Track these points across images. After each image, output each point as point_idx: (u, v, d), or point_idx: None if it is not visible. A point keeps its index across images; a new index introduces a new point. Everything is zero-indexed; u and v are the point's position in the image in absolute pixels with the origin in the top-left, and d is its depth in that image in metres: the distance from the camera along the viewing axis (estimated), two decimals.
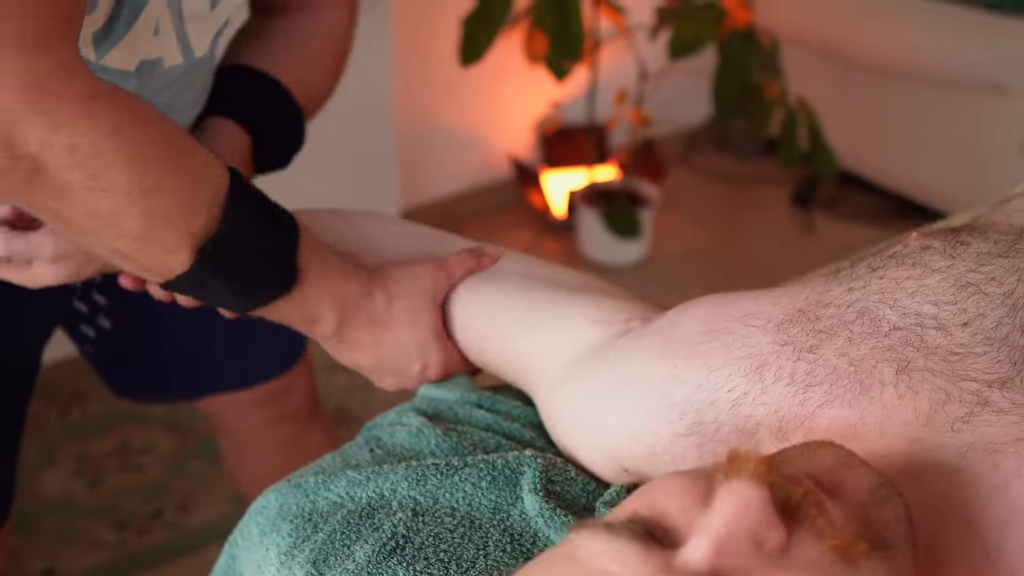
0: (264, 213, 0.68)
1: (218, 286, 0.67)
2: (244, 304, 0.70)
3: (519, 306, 0.78)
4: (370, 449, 0.73)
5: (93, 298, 1.00)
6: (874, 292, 0.60)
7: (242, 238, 0.66)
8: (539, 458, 0.68)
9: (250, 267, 0.67)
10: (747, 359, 0.61)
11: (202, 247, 0.64)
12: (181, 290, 0.68)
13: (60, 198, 0.59)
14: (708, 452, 0.61)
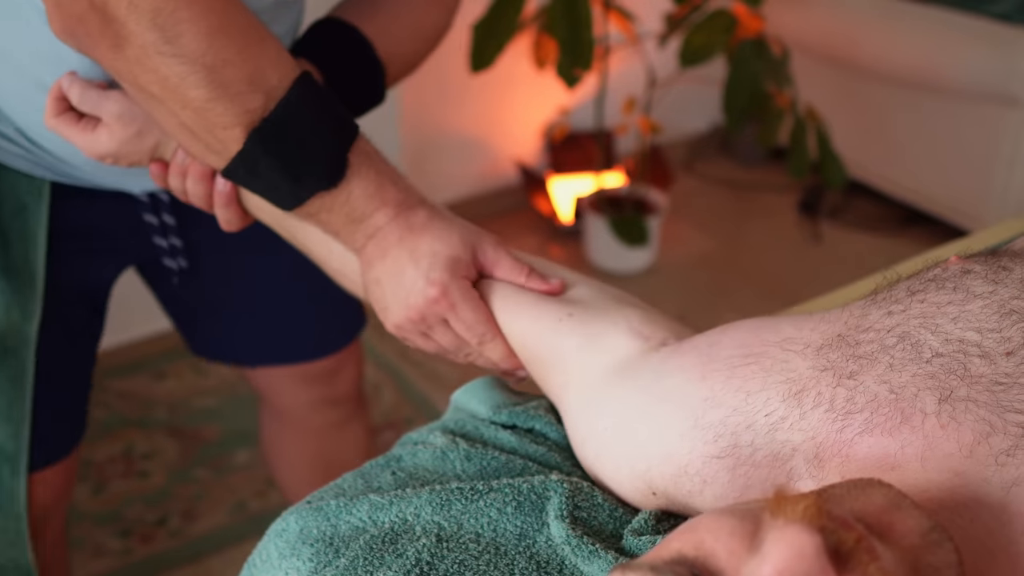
0: (325, 109, 0.72)
1: (269, 164, 0.70)
2: (293, 188, 0.72)
3: (562, 299, 0.78)
4: (392, 471, 0.71)
5: (171, 240, 1.03)
6: (914, 316, 0.59)
7: (295, 123, 0.70)
8: (565, 483, 0.66)
9: (300, 149, 0.70)
10: (786, 384, 0.60)
11: (257, 126, 0.68)
12: (238, 177, 0.72)
13: (138, 62, 0.65)
14: (740, 475, 0.60)
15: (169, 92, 0.66)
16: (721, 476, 0.61)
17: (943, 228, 2.65)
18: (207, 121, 0.68)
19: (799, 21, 2.70)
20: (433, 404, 2.02)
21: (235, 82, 0.66)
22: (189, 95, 0.66)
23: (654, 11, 2.39)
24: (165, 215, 1.00)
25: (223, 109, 0.67)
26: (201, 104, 0.66)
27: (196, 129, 0.69)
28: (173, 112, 0.68)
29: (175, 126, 0.70)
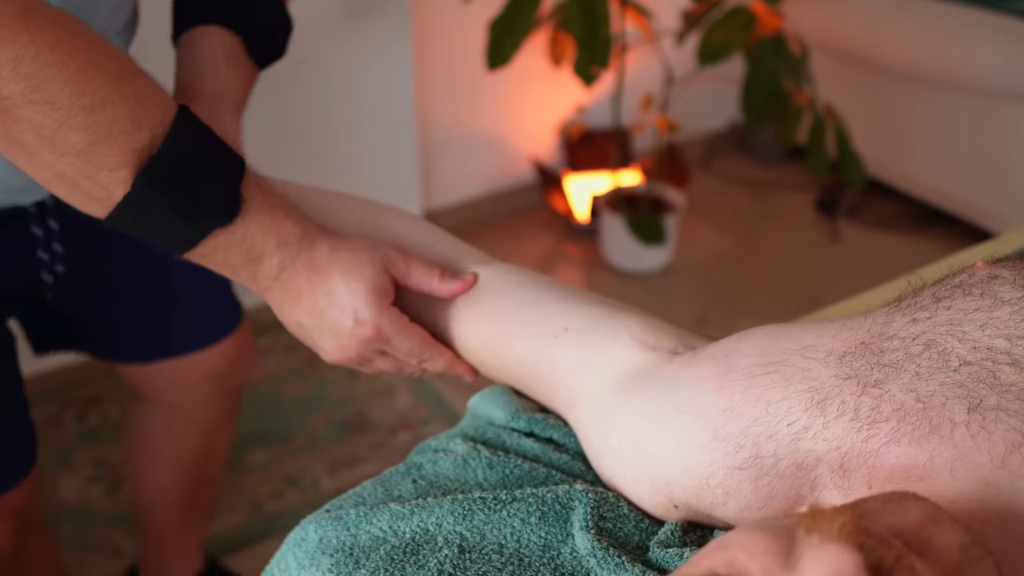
0: (211, 142, 0.69)
1: (160, 205, 0.66)
2: (187, 230, 0.68)
3: (555, 312, 0.75)
4: (413, 479, 0.70)
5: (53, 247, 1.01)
6: (941, 324, 0.58)
7: (186, 158, 0.66)
8: (590, 493, 0.65)
9: (193, 185, 0.67)
10: (808, 392, 0.59)
11: (145, 164, 0.64)
12: (124, 223, 0.67)
13: (7, 113, 0.60)
14: (763, 486, 0.59)
15: (45, 140, 0.62)
16: (744, 487, 0.60)
17: (963, 227, 2.62)
18: (90, 165, 0.63)
19: (818, 18, 2.67)
20: (449, 404, 2.01)
21: (117, 120, 0.63)
22: (69, 140, 0.62)
23: (671, 8, 2.38)
24: (51, 220, 0.99)
25: (108, 151, 0.63)
26: (83, 147, 0.62)
27: (75, 176, 0.64)
28: (47, 163, 0.64)
29: (50, 177, 0.65)
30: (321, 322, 0.75)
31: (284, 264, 0.73)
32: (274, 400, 2.04)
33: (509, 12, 1.85)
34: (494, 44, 1.87)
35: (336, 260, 0.74)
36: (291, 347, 2.20)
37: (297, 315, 0.75)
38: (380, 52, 2.21)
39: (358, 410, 2.02)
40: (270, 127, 1.94)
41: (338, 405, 2.03)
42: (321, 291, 0.74)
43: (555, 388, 0.73)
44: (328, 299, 0.74)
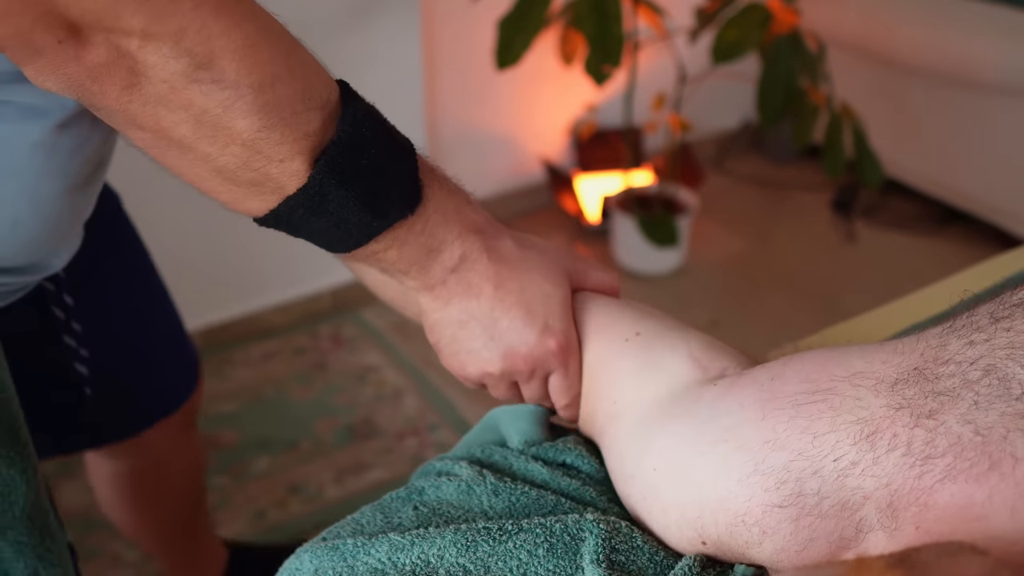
0: (382, 122, 0.60)
1: (341, 198, 0.57)
2: (370, 223, 0.59)
3: (630, 317, 0.71)
4: (414, 506, 0.66)
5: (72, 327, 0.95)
6: (1001, 347, 0.53)
7: (365, 142, 0.57)
8: (601, 523, 0.61)
9: (376, 174, 0.58)
10: (857, 424, 0.54)
11: (323, 150, 0.55)
12: (292, 218, 0.58)
13: (162, 100, 0.51)
14: (804, 527, 0.55)
15: (206, 130, 0.53)
16: (783, 527, 0.55)
17: (982, 228, 2.57)
18: (258, 156, 0.54)
19: (835, 16, 2.63)
20: (458, 410, 1.97)
21: (288, 101, 0.54)
22: (236, 127, 0.53)
23: (685, 5, 2.33)
24: (66, 296, 0.92)
25: (279, 137, 0.54)
26: (252, 135, 0.53)
27: (239, 171, 0.55)
28: (205, 157, 0.54)
29: (207, 173, 0.56)
30: (499, 324, 0.66)
31: (466, 255, 0.64)
32: (279, 405, 2.01)
33: (518, 10, 1.81)
34: (503, 43, 1.83)
35: (528, 259, 0.66)
36: (298, 351, 2.17)
37: (468, 312, 0.66)
38: (389, 50, 2.18)
39: (365, 415, 1.98)
40: None
41: (344, 410, 2.00)
42: (509, 287, 0.65)
43: (603, 399, 0.69)
44: (516, 299, 0.65)
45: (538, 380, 0.70)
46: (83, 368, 0.96)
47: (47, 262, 0.78)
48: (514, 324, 0.66)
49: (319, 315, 2.25)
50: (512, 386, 0.72)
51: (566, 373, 0.69)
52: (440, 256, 0.64)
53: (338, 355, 2.16)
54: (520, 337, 0.66)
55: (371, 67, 2.16)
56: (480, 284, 0.65)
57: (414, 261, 0.64)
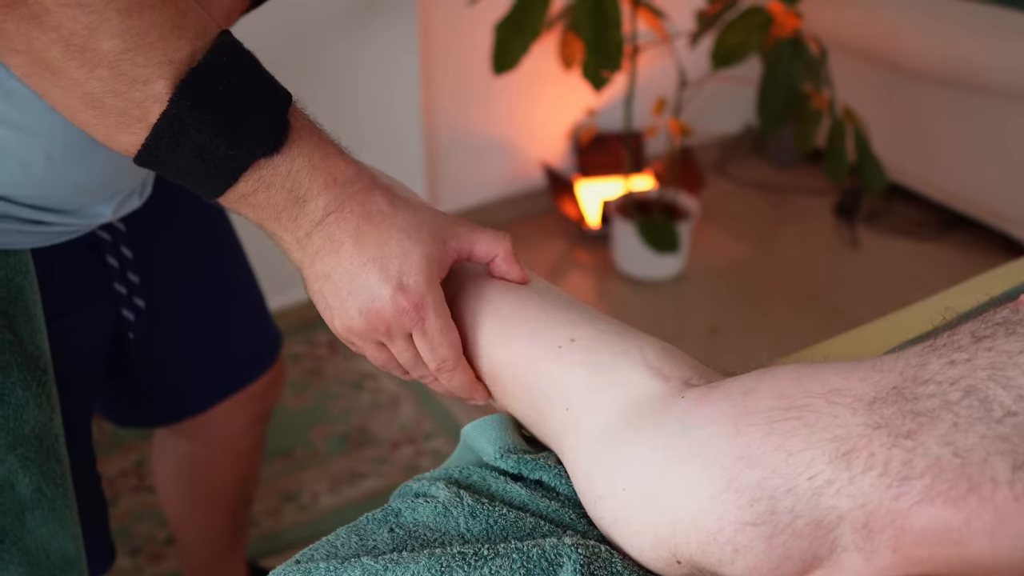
0: (255, 64, 0.61)
1: (201, 123, 0.58)
2: (229, 155, 0.60)
3: (565, 320, 0.68)
4: (390, 528, 0.64)
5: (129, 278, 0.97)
6: (982, 367, 0.51)
7: (230, 73, 0.59)
8: (580, 547, 0.59)
9: (237, 103, 0.59)
10: (833, 442, 0.52)
11: (184, 77, 0.57)
12: (159, 151, 0.59)
13: (35, 20, 0.54)
14: (778, 545, 0.53)
15: (75, 52, 0.55)
16: (756, 545, 0.54)
17: (986, 233, 2.55)
18: (123, 78, 0.56)
19: (837, 19, 2.60)
20: (454, 418, 1.95)
21: (155, 27, 0.56)
22: (101, 48, 0.55)
23: (685, 8, 2.31)
24: (124, 248, 0.94)
25: (144, 59, 0.56)
26: (116, 57, 0.55)
27: (104, 96, 0.57)
28: (76, 81, 0.56)
29: (77, 101, 0.58)
30: (355, 279, 0.65)
31: (330, 207, 0.64)
32: (273, 412, 1.98)
33: (516, 14, 1.79)
34: (500, 47, 1.81)
35: (394, 216, 0.65)
36: (294, 357, 2.15)
37: (331, 265, 0.65)
38: (386, 54, 2.16)
39: (360, 423, 1.96)
40: None
41: (339, 418, 1.98)
42: (368, 242, 0.64)
43: (551, 408, 0.66)
44: (375, 253, 0.64)
45: (400, 339, 0.68)
46: (130, 314, 0.98)
47: (93, 209, 0.83)
48: (369, 279, 0.65)
49: (315, 321, 2.23)
50: (380, 347, 0.69)
51: (424, 333, 0.67)
52: (306, 206, 0.64)
53: (334, 362, 2.14)
54: (372, 292, 0.65)
55: (368, 71, 2.15)
56: (341, 238, 0.64)
57: (282, 208, 0.63)
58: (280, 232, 0.66)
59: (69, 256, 0.87)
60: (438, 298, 0.67)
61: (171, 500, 1.33)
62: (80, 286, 0.91)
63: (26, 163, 0.74)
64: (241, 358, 1.17)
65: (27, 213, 0.78)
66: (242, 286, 1.16)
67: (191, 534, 1.36)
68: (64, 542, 0.84)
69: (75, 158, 0.76)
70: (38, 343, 0.81)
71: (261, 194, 0.62)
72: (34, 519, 0.81)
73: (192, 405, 1.15)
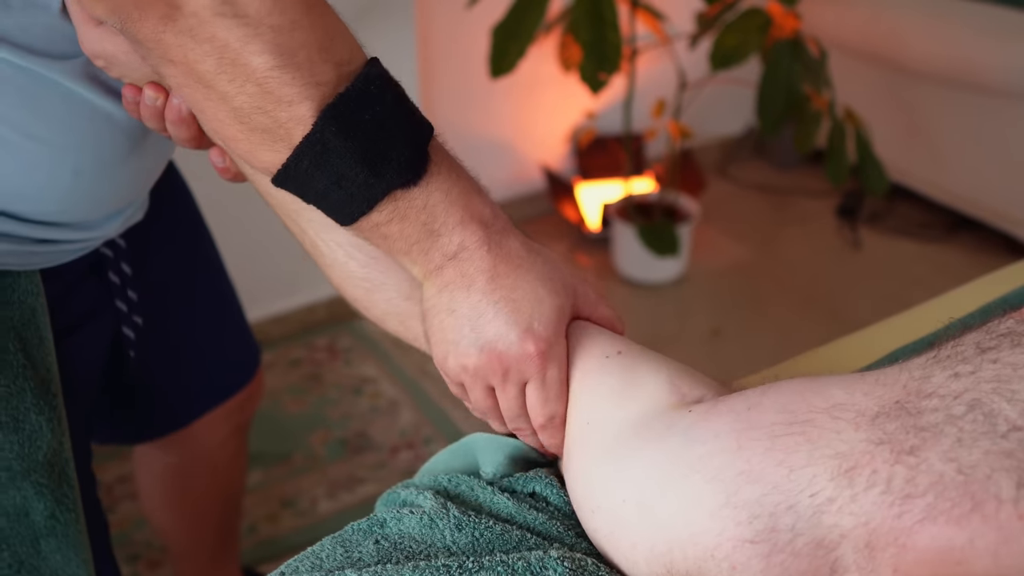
0: (401, 94, 0.62)
1: (343, 150, 0.58)
2: (369, 183, 0.60)
3: (613, 338, 0.68)
4: (375, 539, 0.63)
5: (129, 295, 0.98)
6: (987, 380, 0.50)
7: (374, 100, 0.59)
8: (566, 560, 0.58)
9: (380, 132, 0.59)
10: (835, 459, 0.51)
11: (331, 101, 0.58)
12: (299, 172, 0.60)
13: (191, 32, 0.56)
14: (776, 564, 0.52)
15: (226, 64, 0.56)
16: (754, 564, 0.52)
17: (990, 235, 2.53)
18: (269, 97, 0.57)
19: (837, 19, 2.59)
20: (453, 423, 1.95)
21: (304, 48, 0.57)
22: (252, 63, 0.56)
23: (685, 10, 2.30)
24: (124, 265, 0.95)
25: (290, 78, 0.56)
26: (264, 74, 0.56)
27: (252, 113, 0.58)
28: (226, 96, 0.58)
29: (226, 116, 0.59)
30: (483, 317, 0.64)
31: (465, 244, 0.63)
32: (272, 418, 1.98)
33: (512, 17, 1.78)
34: (497, 51, 1.80)
35: (532, 262, 0.65)
36: (293, 362, 2.14)
37: (460, 301, 0.64)
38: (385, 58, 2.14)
39: (359, 428, 1.95)
40: None
41: (338, 423, 1.97)
42: (502, 283, 0.63)
43: (574, 423, 0.66)
44: (507, 295, 0.63)
45: (514, 386, 0.67)
46: (131, 332, 0.99)
47: (104, 222, 0.84)
48: (497, 318, 0.63)
49: (315, 326, 2.23)
50: (488, 391, 0.68)
51: (543, 384, 0.66)
52: (439, 240, 0.63)
53: (333, 367, 2.13)
54: (499, 332, 0.64)
55: None
56: (474, 275, 0.63)
57: (415, 240, 0.63)
58: (409, 265, 0.65)
59: (75, 274, 0.88)
60: (563, 353, 0.66)
61: (157, 512, 1.33)
62: (84, 304, 0.91)
63: (53, 177, 0.75)
64: (224, 372, 1.17)
65: (39, 232, 0.78)
66: (227, 300, 1.17)
67: (180, 544, 1.36)
68: (77, 568, 0.83)
69: (102, 172, 0.77)
70: (49, 366, 0.81)
71: (395, 225, 0.62)
72: (49, 546, 0.81)
73: (176, 420, 1.15)
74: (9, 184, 0.74)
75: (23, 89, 0.70)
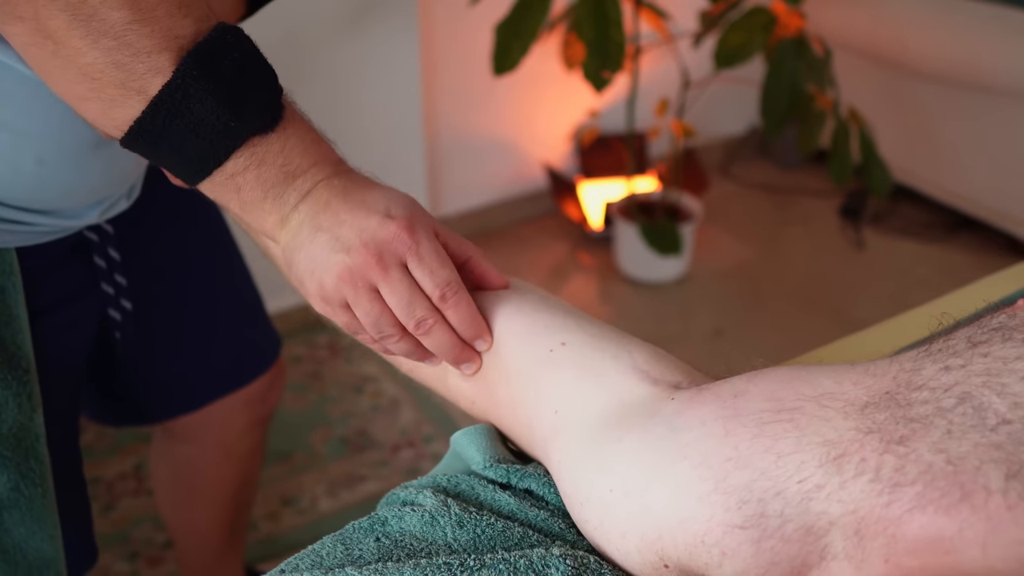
0: (255, 48, 0.63)
1: (204, 94, 0.59)
2: (228, 130, 0.60)
3: (555, 326, 0.67)
4: (376, 537, 0.63)
5: (117, 279, 0.97)
6: (976, 374, 0.50)
7: (232, 48, 0.60)
8: (568, 558, 0.58)
9: (240, 75, 0.61)
10: (824, 446, 0.51)
11: (190, 49, 0.59)
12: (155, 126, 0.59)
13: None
14: (766, 549, 0.52)
15: (81, 20, 0.56)
16: (744, 549, 0.52)
17: (993, 235, 2.53)
18: (127, 49, 0.57)
19: (841, 18, 2.58)
20: (454, 421, 1.94)
21: (163, 3, 0.58)
22: (109, 17, 0.56)
23: (688, 8, 2.30)
24: (111, 250, 0.94)
25: (149, 31, 0.57)
26: (123, 27, 0.56)
27: (107, 68, 0.57)
28: (77, 52, 0.57)
29: (75, 74, 0.58)
30: (342, 224, 0.64)
31: (318, 179, 0.65)
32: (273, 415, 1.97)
33: (516, 15, 1.78)
34: (500, 49, 1.80)
35: (380, 183, 0.68)
36: (294, 359, 2.14)
37: (316, 226, 0.65)
38: (386, 56, 2.15)
39: (360, 427, 1.95)
40: None
41: (339, 421, 1.97)
42: (354, 196, 0.65)
43: (540, 410, 0.65)
44: (359, 200, 0.65)
45: (395, 269, 0.65)
46: (116, 314, 0.99)
47: (81, 211, 0.84)
48: (356, 219, 0.64)
49: (315, 324, 2.22)
50: (374, 294, 0.66)
51: (420, 258, 0.65)
52: (295, 181, 0.64)
53: (335, 365, 2.13)
54: (359, 227, 0.64)
55: (369, 74, 2.14)
56: (329, 198, 0.65)
57: (271, 185, 0.64)
58: (263, 216, 0.65)
59: (55, 255, 0.87)
60: (428, 225, 0.66)
61: (169, 503, 1.33)
62: (66, 285, 0.91)
63: (15, 165, 0.75)
64: (237, 359, 1.17)
65: (12, 214, 0.78)
66: (235, 287, 1.16)
67: (188, 537, 1.35)
68: (42, 542, 0.84)
69: (66, 162, 0.77)
70: (20, 343, 0.81)
71: (251, 172, 0.63)
72: (11, 518, 0.82)
73: (182, 403, 1.15)
74: None
75: None
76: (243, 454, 1.26)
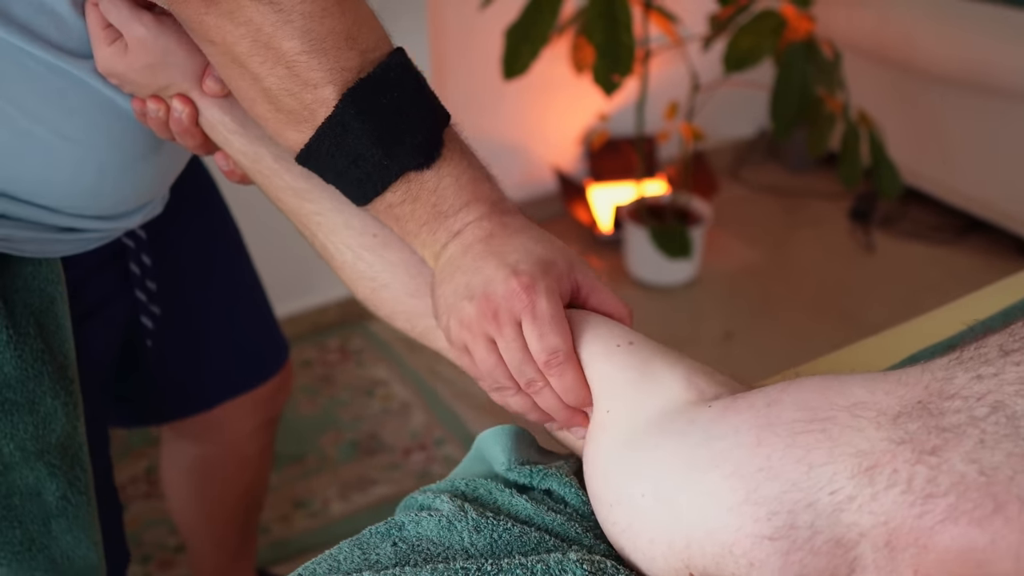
0: (422, 84, 0.65)
1: (360, 131, 0.62)
2: (383, 164, 0.63)
3: (624, 329, 0.68)
4: (393, 542, 0.63)
5: (148, 286, 1.00)
6: (1010, 383, 0.50)
7: (394, 88, 0.63)
8: (585, 563, 0.58)
9: (397, 116, 0.63)
10: (856, 457, 0.51)
11: (352, 85, 0.62)
12: (320, 152, 0.64)
13: (230, 14, 0.60)
14: (794, 562, 0.52)
15: (259, 47, 0.60)
16: (772, 561, 0.52)
17: (1003, 237, 2.52)
18: (296, 80, 0.61)
19: (851, 22, 2.58)
20: (465, 424, 1.94)
21: (332, 35, 0.61)
22: (282, 47, 0.60)
23: (698, 12, 2.30)
24: (144, 256, 0.97)
25: (317, 63, 0.61)
26: (293, 57, 0.60)
27: (280, 93, 0.62)
28: (257, 76, 0.62)
29: (258, 94, 0.63)
30: (476, 275, 0.65)
31: (469, 220, 0.66)
32: (284, 419, 1.98)
33: (526, 19, 1.78)
34: (510, 52, 1.80)
35: (527, 230, 0.66)
36: (305, 363, 2.14)
37: (456, 266, 0.66)
38: None
39: (371, 430, 1.95)
40: None
41: (350, 425, 1.97)
42: (495, 243, 0.65)
43: (596, 406, 0.66)
44: (497, 250, 0.64)
45: (508, 327, 0.65)
46: (148, 322, 1.01)
47: (126, 216, 0.87)
48: (487, 269, 0.65)
49: (326, 327, 2.23)
50: (490, 345, 0.66)
51: (534, 318, 0.64)
52: (447, 221, 0.66)
53: (345, 368, 2.13)
54: (487, 278, 0.65)
55: None
56: (472, 242, 0.66)
57: (424, 222, 0.66)
58: (420, 248, 0.68)
59: (92, 264, 0.90)
60: (551, 288, 0.65)
61: (180, 505, 1.34)
62: (100, 292, 0.93)
63: (77, 175, 0.78)
64: (249, 361, 1.18)
65: (66, 221, 0.81)
66: (251, 292, 1.18)
67: (200, 539, 1.36)
68: (87, 550, 0.85)
69: (124, 170, 0.80)
70: (66, 352, 0.83)
71: (407, 206, 0.66)
72: (59, 527, 0.83)
73: (196, 403, 1.16)
74: (36, 177, 0.76)
75: (56, 89, 0.73)
76: (252, 455, 1.27)
